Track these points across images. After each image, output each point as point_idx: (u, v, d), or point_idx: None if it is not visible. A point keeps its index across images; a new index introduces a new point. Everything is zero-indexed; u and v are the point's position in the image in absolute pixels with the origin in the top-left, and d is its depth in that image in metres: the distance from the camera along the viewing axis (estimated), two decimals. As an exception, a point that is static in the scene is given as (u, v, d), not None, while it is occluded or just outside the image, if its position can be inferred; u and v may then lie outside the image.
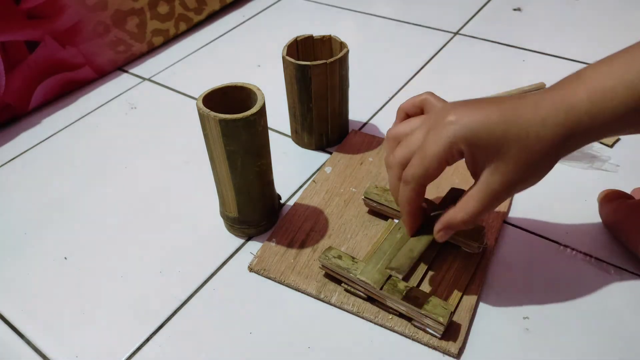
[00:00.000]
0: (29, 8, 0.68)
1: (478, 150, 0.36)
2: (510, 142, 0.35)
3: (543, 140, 0.35)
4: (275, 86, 0.65)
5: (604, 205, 0.50)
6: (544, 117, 0.35)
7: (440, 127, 0.37)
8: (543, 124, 0.35)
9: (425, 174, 0.38)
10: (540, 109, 0.35)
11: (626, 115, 0.34)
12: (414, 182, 0.39)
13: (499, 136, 0.35)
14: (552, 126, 0.35)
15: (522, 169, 0.36)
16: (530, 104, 0.36)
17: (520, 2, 0.89)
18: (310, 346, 0.42)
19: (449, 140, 0.36)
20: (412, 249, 0.43)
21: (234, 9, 0.95)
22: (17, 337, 0.45)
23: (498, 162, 0.36)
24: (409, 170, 0.39)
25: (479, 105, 0.37)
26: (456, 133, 0.36)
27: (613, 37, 0.78)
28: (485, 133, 0.35)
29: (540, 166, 0.36)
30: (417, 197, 0.40)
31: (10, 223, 0.56)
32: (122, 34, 0.79)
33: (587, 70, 0.37)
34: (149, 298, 0.47)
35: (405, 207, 0.42)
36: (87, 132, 0.68)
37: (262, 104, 0.43)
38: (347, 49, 0.56)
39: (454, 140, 0.36)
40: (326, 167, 0.58)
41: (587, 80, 0.35)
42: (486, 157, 0.36)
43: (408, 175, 0.39)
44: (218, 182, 0.48)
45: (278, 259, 0.49)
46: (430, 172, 0.38)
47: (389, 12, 0.90)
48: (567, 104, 0.35)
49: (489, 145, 0.36)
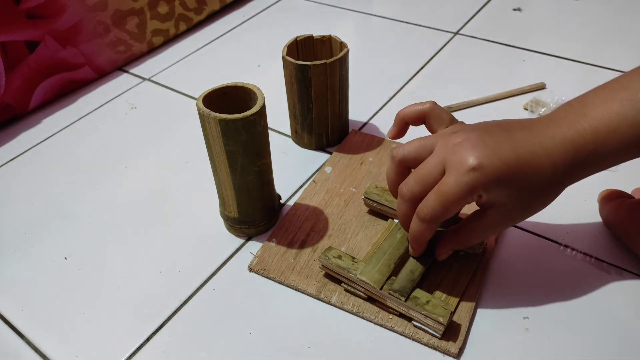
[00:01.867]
0: (29, 8, 0.68)
1: (495, 194, 0.38)
2: (524, 184, 0.38)
3: (554, 181, 0.39)
4: (275, 86, 0.65)
5: (604, 205, 0.50)
6: (555, 160, 0.38)
7: (462, 172, 0.37)
8: (554, 165, 0.38)
9: (443, 215, 0.39)
10: (552, 152, 0.38)
11: (629, 149, 0.38)
12: (431, 222, 0.40)
13: (515, 179, 0.38)
14: (562, 167, 0.38)
15: (530, 204, 0.40)
16: (542, 148, 0.38)
17: (520, 2, 0.89)
18: (310, 346, 0.42)
19: (471, 187, 0.37)
20: (413, 270, 0.43)
21: (234, 9, 0.95)
22: (17, 337, 0.45)
23: (510, 199, 0.38)
24: (426, 209, 0.39)
25: (494, 142, 0.38)
26: (479, 181, 0.37)
27: (613, 37, 0.78)
28: (504, 179, 0.37)
29: (546, 199, 0.40)
30: (431, 233, 0.41)
31: (10, 223, 0.56)
32: (122, 34, 0.79)
33: (590, 106, 0.39)
34: (149, 298, 0.47)
35: (416, 241, 0.42)
36: (87, 132, 0.68)
37: (262, 104, 0.43)
38: (347, 49, 0.56)
39: (475, 187, 0.37)
40: (326, 167, 0.58)
41: (592, 120, 0.38)
42: (499, 196, 0.38)
43: (426, 215, 0.39)
44: (218, 182, 0.48)
45: (278, 259, 0.49)
46: (448, 214, 0.39)
47: (389, 12, 0.90)
48: (576, 147, 0.38)
49: (506, 188, 0.38)
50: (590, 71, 0.72)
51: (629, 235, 0.47)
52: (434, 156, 0.40)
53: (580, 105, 0.39)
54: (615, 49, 0.75)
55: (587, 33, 0.80)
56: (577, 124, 0.38)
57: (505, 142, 0.38)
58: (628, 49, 0.75)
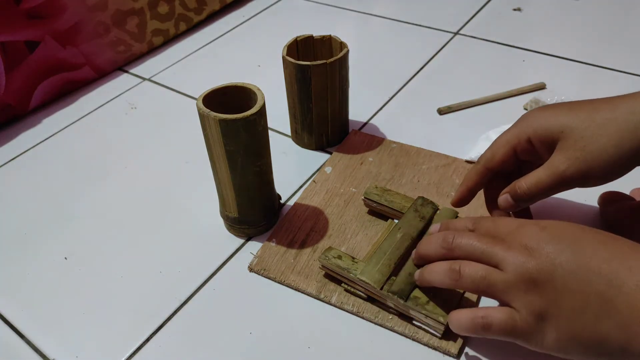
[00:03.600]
0: (29, 8, 0.68)
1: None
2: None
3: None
4: (275, 86, 0.65)
5: (605, 207, 0.50)
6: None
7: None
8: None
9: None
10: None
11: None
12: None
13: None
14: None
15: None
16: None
17: (520, 2, 0.89)
18: (310, 346, 0.42)
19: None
20: (412, 273, 0.43)
21: (234, 9, 0.95)
22: (17, 337, 0.45)
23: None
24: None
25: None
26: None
27: (613, 37, 0.78)
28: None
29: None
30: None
31: (10, 223, 0.56)
32: (122, 34, 0.79)
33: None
34: (149, 298, 0.47)
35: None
36: (87, 132, 0.68)
37: (262, 104, 0.43)
38: (347, 49, 0.56)
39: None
40: (326, 167, 0.58)
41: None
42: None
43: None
44: (218, 182, 0.48)
45: (278, 259, 0.49)
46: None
47: (389, 12, 0.90)
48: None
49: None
50: (590, 71, 0.72)
51: (631, 238, 0.46)
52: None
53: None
54: (615, 49, 0.75)
55: (587, 33, 0.80)
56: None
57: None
58: (628, 49, 0.75)
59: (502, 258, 0.35)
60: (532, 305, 0.34)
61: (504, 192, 0.44)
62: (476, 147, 0.59)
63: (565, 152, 0.39)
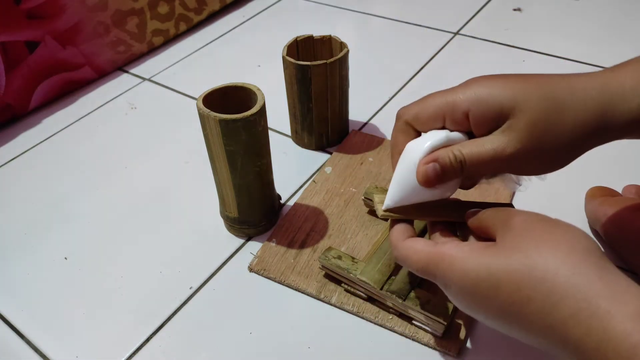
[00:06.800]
0: (29, 8, 0.68)
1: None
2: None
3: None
4: (275, 86, 0.65)
5: (592, 205, 0.49)
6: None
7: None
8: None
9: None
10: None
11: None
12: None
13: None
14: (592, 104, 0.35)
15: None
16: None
17: (520, 2, 0.89)
18: (310, 346, 0.42)
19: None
20: (411, 272, 0.43)
21: (234, 9, 0.95)
22: (17, 337, 0.45)
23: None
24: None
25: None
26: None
27: (613, 37, 0.78)
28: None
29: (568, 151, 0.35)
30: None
31: (10, 223, 0.56)
32: (122, 34, 0.79)
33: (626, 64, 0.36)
34: (149, 298, 0.47)
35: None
36: (87, 132, 0.68)
37: (262, 104, 0.43)
38: (347, 49, 0.56)
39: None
40: (326, 167, 0.58)
41: (625, 72, 0.36)
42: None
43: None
44: (218, 182, 0.48)
45: (278, 259, 0.49)
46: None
47: (389, 12, 0.90)
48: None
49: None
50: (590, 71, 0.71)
51: (631, 238, 0.46)
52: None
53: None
54: (615, 49, 0.75)
55: (587, 33, 0.80)
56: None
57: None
58: (628, 49, 0.75)
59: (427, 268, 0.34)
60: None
61: (429, 160, 0.36)
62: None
63: (517, 132, 0.34)
